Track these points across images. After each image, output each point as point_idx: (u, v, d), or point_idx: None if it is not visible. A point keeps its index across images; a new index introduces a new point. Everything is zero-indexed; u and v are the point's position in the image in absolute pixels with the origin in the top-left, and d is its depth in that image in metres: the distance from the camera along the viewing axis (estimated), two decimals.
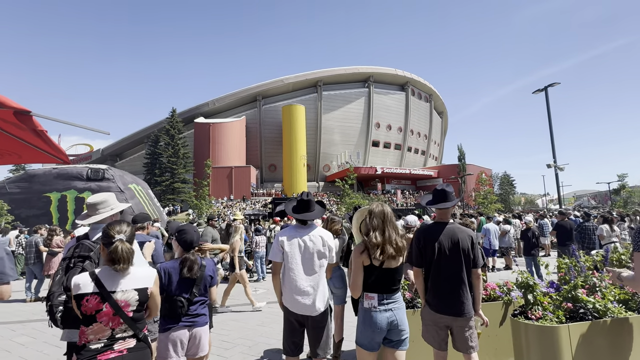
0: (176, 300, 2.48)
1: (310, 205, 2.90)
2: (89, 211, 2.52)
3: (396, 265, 2.51)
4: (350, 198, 26.81)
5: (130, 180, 16.75)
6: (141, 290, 1.94)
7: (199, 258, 2.68)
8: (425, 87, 56.05)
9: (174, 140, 40.58)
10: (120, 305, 1.86)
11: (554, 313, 3.02)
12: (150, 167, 41.73)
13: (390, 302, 2.50)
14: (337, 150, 47.78)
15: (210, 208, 29.27)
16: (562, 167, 17.98)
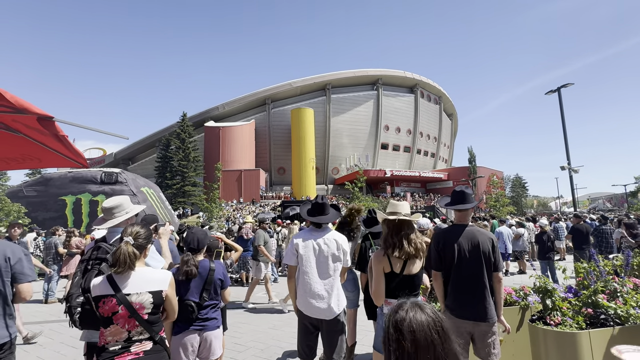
0: (186, 305, 2.50)
1: (325, 208, 2.90)
2: (105, 215, 2.56)
3: (416, 272, 2.49)
4: (360, 201, 26.69)
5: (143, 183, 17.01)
6: (155, 293, 1.95)
7: (206, 261, 2.69)
8: (435, 89, 55.66)
9: (185, 143, 41.06)
10: (135, 307, 1.88)
11: (574, 319, 2.95)
12: (162, 170, 42.27)
13: None
14: (346, 153, 47.72)
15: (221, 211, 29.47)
16: (577, 169, 17.61)
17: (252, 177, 41.37)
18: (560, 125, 18.20)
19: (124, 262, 1.89)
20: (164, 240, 2.92)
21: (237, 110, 47.22)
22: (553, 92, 18.34)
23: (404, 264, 2.45)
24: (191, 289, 2.55)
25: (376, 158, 49.33)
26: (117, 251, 1.91)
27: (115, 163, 47.17)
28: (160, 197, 18.16)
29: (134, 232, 2.00)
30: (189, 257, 2.55)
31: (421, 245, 2.51)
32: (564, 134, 18.07)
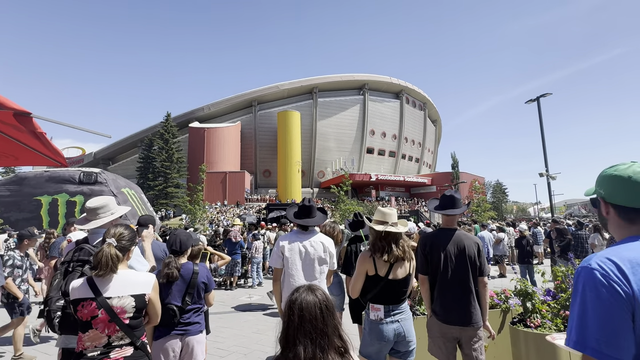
0: (167, 309, 2.43)
1: (312, 211, 2.89)
2: (88, 215, 2.47)
3: (402, 277, 2.49)
4: (345, 205, 26.79)
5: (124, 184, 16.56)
6: (138, 297, 1.89)
7: (189, 264, 2.63)
8: (420, 96, 56.68)
9: (168, 144, 40.29)
10: (116, 311, 1.82)
11: (553, 321, 3.04)
12: (144, 171, 41.33)
13: (397, 312, 2.48)
14: (332, 157, 47.90)
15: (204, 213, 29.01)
16: (554, 176, 18.22)
17: (237, 180, 40.93)
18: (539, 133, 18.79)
19: (106, 265, 1.82)
20: (147, 244, 2.84)
21: (222, 112, 46.75)
22: (532, 101, 18.94)
23: (389, 268, 2.45)
24: (173, 293, 2.48)
25: (362, 162, 49.71)
26: (98, 253, 1.84)
27: (94, 163, 45.80)
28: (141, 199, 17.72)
29: (117, 234, 1.94)
30: (171, 260, 2.49)
31: (409, 249, 2.52)
32: (543, 142, 18.68)
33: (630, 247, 1.01)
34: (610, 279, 0.92)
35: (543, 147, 18.65)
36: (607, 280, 0.92)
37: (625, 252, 0.98)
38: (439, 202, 2.94)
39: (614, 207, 1.10)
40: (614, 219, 1.11)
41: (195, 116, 45.74)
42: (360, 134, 49.80)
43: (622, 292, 0.90)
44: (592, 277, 0.94)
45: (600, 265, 0.96)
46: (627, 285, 0.91)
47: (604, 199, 1.12)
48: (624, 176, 1.07)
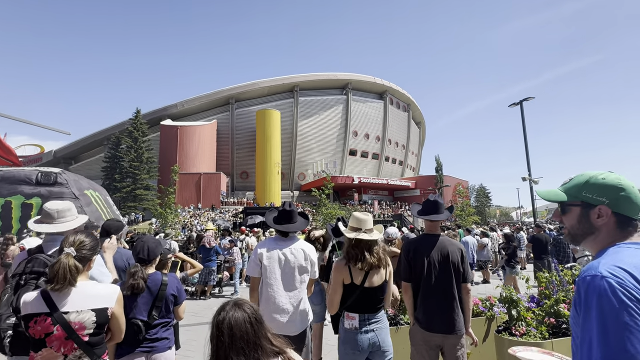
0: (132, 324, 2.31)
1: (292, 216, 2.85)
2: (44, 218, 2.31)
3: (379, 284, 2.50)
4: (327, 208, 26.80)
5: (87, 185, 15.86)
6: (100, 311, 1.79)
7: (157, 274, 2.51)
8: (404, 97, 57.67)
9: (137, 143, 39.15)
10: (74, 327, 1.70)
11: (537, 329, 3.11)
12: (110, 171, 40.00)
13: (373, 322, 2.48)
14: (313, 159, 47.90)
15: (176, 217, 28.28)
16: (537, 181, 18.91)
17: (212, 182, 40.22)
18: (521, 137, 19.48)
19: (63, 278, 1.70)
20: (108, 256, 2.68)
21: (197, 109, 45.90)
22: (516, 104, 19.64)
23: (365, 276, 2.46)
24: (138, 306, 2.36)
25: (344, 164, 49.98)
26: (55, 264, 1.72)
27: (55, 162, 43.92)
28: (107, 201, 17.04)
29: (76, 242, 1.82)
30: (137, 269, 2.37)
31: (384, 255, 2.53)
32: (526, 146, 19.38)
33: (629, 253, 1.01)
34: (627, 285, 0.89)
35: (526, 151, 19.35)
36: (625, 288, 0.89)
37: (629, 259, 0.97)
38: (421, 207, 2.96)
39: (616, 216, 1.10)
40: (611, 227, 1.11)
41: (168, 113, 44.69)
42: (343, 135, 50.10)
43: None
44: (608, 286, 0.90)
45: (611, 272, 0.93)
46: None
47: (609, 207, 1.11)
48: (630, 187, 1.10)
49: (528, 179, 18.85)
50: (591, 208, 1.14)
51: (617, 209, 1.10)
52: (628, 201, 1.10)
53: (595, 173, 1.18)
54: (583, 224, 1.15)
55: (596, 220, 1.13)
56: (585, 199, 1.15)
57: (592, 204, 1.14)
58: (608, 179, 1.14)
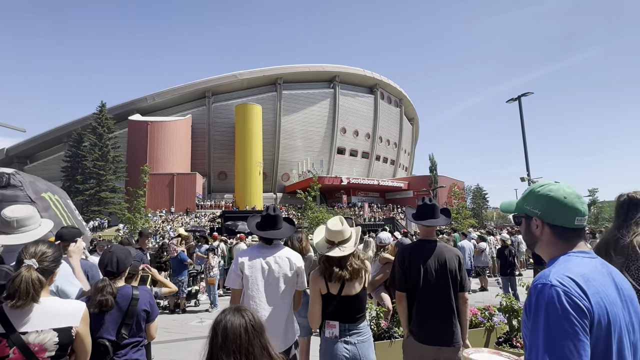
0: (98, 344, 2.24)
1: (277, 221, 2.82)
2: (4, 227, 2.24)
3: (356, 292, 2.57)
4: (314, 212, 26.81)
5: (44, 187, 15.42)
6: (63, 330, 1.74)
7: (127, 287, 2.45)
8: (396, 91, 58.24)
9: (102, 140, 38.38)
10: (33, 350, 1.65)
11: None
12: (71, 172, 39.07)
13: (354, 333, 2.55)
14: (298, 157, 47.86)
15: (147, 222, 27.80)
16: (536, 181, 19.38)
17: (186, 183, 39.73)
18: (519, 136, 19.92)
19: (26, 293, 1.65)
20: (75, 260, 2.59)
21: (170, 103, 45.27)
22: (514, 100, 20.08)
23: (341, 285, 2.55)
24: (106, 324, 2.29)
25: (332, 164, 50.12)
26: (16, 279, 1.66)
27: (7, 161, 42.54)
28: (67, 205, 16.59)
29: (38, 253, 1.77)
30: (105, 283, 2.30)
31: (359, 266, 2.61)
32: (524, 143, 19.81)
33: (577, 262, 1.15)
34: (573, 295, 1.03)
35: (524, 148, 19.80)
36: (570, 297, 1.03)
37: (576, 269, 1.11)
38: (417, 210, 2.97)
39: (550, 227, 1.23)
40: (548, 238, 1.24)
41: (137, 107, 43.91)
42: (330, 132, 50.23)
43: (584, 307, 1.02)
44: (555, 295, 1.04)
45: (560, 282, 1.06)
46: (586, 300, 1.04)
47: (541, 219, 1.25)
48: (560, 197, 1.22)
49: (527, 179, 19.30)
50: (531, 219, 1.28)
51: (548, 219, 1.23)
52: (557, 212, 1.22)
53: (537, 185, 1.30)
54: (528, 235, 1.30)
55: (535, 230, 1.26)
56: (526, 211, 1.29)
57: (530, 216, 1.27)
58: (542, 190, 1.26)
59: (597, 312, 1.04)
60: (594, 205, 32.26)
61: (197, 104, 45.80)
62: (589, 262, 1.17)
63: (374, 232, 14.88)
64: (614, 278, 1.17)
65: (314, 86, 49.99)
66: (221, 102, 45.91)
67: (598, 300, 1.05)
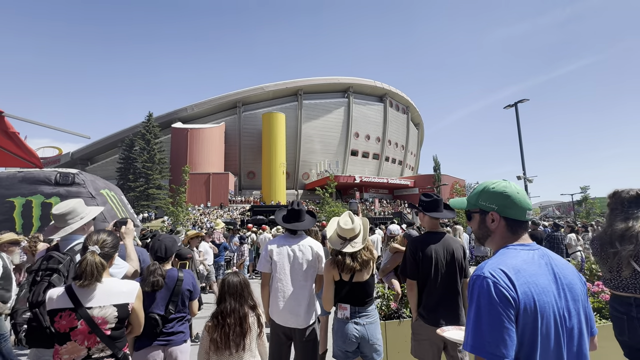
0: (149, 318, 2.31)
1: (300, 214, 2.84)
2: (56, 222, 2.30)
3: (365, 279, 2.57)
4: (330, 206, 26.78)
5: (103, 185, 15.95)
6: (121, 306, 1.80)
7: (174, 270, 2.52)
8: (403, 99, 57.45)
9: (150, 144, 39.32)
10: (96, 322, 1.72)
11: None
12: (124, 172, 40.18)
13: (363, 315, 2.55)
14: (317, 159, 47.86)
15: (187, 215, 28.40)
16: (531, 179, 18.80)
17: (220, 181, 40.31)
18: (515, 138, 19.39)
19: (91, 275, 1.72)
20: (129, 240, 2.65)
21: (206, 112, 46.01)
22: (511, 106, 19.50)
23: (352, 273, 2.55)
24: (156, 301, 2.37)
25: (346, 164, 49.90)
26: (82, 262, 1.73)
27: (72, 163, 44.17)
28: (121, 200, 17.12)
29: (100, 241, 1.83)
30: (156, 267, 2.37)
31: (368, 257, 2.59)
32: (520, 146, 19.23)
33: (512, 254, 1.14)
34: (501, 285, 1.04)
35: (521, 151, 19.22)
36: (498, 288, 1.03)
37: (510, 261, 1.11)
38: (425, 203, 2.90)
39: (505, 220, 1.22)
40: (502, 230, 1.23)
41: (178, 116, 44.83)
42: (345, 137, 50.01)
43: (510, 297, 1.02)
44: (486, 285, 1.05)
45: (492, 274, 1.06)
46: (513, 290, 1.03)
47: (497, 212, 1.22)
48: (514, 193, 1.21)
49: (523, 178, 18.74)
50: (486, 214, 1.25)
51: (505, 213, 1.21)
52: (513, 206, 1.20)
53: (488, 182, 1.28)
54: (482, 228, 1.27)
55: (491, 224, 1.24)
56: (481, 207, 1.26)
57: (486, 211, 1.25)
58: (497, 187, 1.25)
59: (523, 301, 1.03)
60: (585, 202, 30.99)
61: (230, 113, 46.38)
62: (526, 254, 1.14)
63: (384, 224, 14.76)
64: (553, 268, 1.14)
65: (330, 96, 49.84)
66: (250, 111, 46.35)
67: (526, 290, 1.04)
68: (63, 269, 2.04)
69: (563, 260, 1.23)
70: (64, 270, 2.04)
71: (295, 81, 47.69)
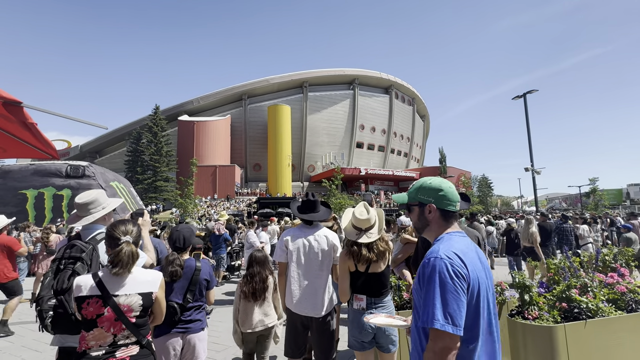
0: (168, 306, 2.35)
1: (315, 205, 2.83)
2: (79, 211, 2.32)
3: (381, 270, 2.56)
4: (337, 198, 26.79)
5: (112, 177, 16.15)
6: (145, 295, 1.82)
7: (192, 260, 2.54)
8: (409, 91, 56.82)
9: (157, 137, 39.52)
10: (122, 310, 1.75)
11: (550, 313, 3.07)
12: (132, 164, 40.51)
13: (379, 306, 2.54)
14: (322, 151, 47.76)
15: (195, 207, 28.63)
16: (539, 171, 18.58)
17: (227, 173, 40.50)
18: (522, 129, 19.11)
19: (127, 263, 1.77)
20: (145, 232, 2.68)
21: (212, 105, 46.00)
22: (519, 97, 19.19)
23: (368, 264, 2.54)
24: (175, 290, 2.40)
25: (351, 156, 49.75)
26: (120, 252, 1.77)
27: (81, 156, 44.63)
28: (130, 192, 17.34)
29: (129, 231, 1.85)
30: (175, 257, 2.39)
31: (384, 248, 2.58)
32: (529, 137, 18.96)
33: (455, 240, 1.32)
34: (456, 265, 1.20)
35: (529, 142, 18.96)
36: (454, 267, 1.20)
37: (457, 245, 1.29)
38: None
39: (440, 211, 1.40)
40: (437, 220, 1.41)
41: (185, 109, 44.90)
42: (350, 129, 49.75)
43: (463, 274, 1.20)
44: (444, 265, 1.20)
45: (447, 255, 1.22)
46: (465, 268, 1.21)
47: (433, 204, 1.41)
48: (446, 188, 1.41)
49: (531, 170, 18.53)
50: (424, 206, 1.43)
51: (440, 205, 1.40)
52: (446, 199, 1.40)
53: (425, 179, 1.48)
54: (421, 219, 1.44)
55: (428, 215, 1.42)
56: (420, 200, 1.44)
57: (424, 203, 1.43)
58: (433, 183, 1.44)
59: (472, 277, 1.21)
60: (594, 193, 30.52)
61: (235, 106, 46.32)
62: (463, 240, 1.35)
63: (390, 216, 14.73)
64: (477, 252, 1.37)
65: (335, 88, 49.47)
66: (255, 104, 46.24)
67: (472, 268, 1.23)
68: (86, 257, 2.06)
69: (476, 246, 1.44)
70: (87, 259, 2.06)
71: (300, 73, 47.36)
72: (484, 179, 51.06)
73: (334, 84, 49.44)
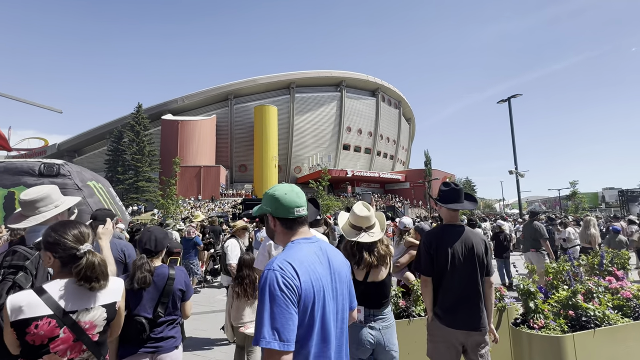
0: (135, 322, 2.00)
1: None
2: (24, 210, 1.92)
3: (382, 279, 2.32)
4: (324, 200, 26.51)
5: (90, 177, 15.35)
6: (109, 306, 1.50)
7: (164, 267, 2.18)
8: (395, 94, 57.27)
9: (139, 136, 38.38)
10: (83, 327, 1.41)
11: (556, 321, 2.87)
12: (113, 164, 39.23)
13: (379, 318, 2.30)
14: (309, 153, 47.48)
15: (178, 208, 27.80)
16: (523, 174, 18.84)
17: (212, 174, 39.69)
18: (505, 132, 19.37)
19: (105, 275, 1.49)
20: (105, 242, 2.16)
21: (197, 105, 45.06)
22: (504, 101, 19.44)
23: (367, 272, 2.32)
24: (143, 302, 2.04)
25: (338, 158, 49.66)
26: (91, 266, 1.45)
27: (58, 154, 42.89)
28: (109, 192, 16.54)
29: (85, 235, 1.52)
30: (144, 261, 2.04)
31: (385, 252, 2.36)
32: (513, 141, 19.22)
33: (297, 248, 1.27)
34: (287, 276, 1.15)
35: (513, 146, 19.20)
36: (285, 278, 1.14)
37: (296, 254, 1.23)
38: (443, 193, 2.62)
39: (279, 220, 1.35)
40: (280, 229, 1.36)
41: (169, 108, 43.80)
42: (337, 131, 49.68)
43: (294, 286, 1.15)
44: (275, 277, 1.14)
45: (280, 266, 1.17)
46: (297, 279, 1.16)
47: (271, 214, 1.35)
48: (281, 195, 1.34)
49: (515, 172, 18.77)
50: (268, 216, 1.38)
51: (276, 214, 1.35)
52: (280, 207, 1.33)
53: (271, 188, 1.42)
54: (268, 230, 1.41)
55: (272, 224, 1.37)
56: (265, 211, 1.38)
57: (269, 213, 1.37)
58: (270, 192, 1.39)
59: (304, 287, 1.16)
60: (574, 197, 31.31)
61: (221, 105, 45.53)
62: (308, 246, 1.29)
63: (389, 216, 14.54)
64: (329, 256, 1.33)
65: (323, 90, 49.33)
66: (242, 104, 45.58)
67: (306, 278, 1.18)
68: (31, 267, 1.69)
69: (336, 250, 1.42)
70: (31, 268, 1.69)
71: (287, 74, 47.02)
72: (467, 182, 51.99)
73: (321, 85, 49.29)
